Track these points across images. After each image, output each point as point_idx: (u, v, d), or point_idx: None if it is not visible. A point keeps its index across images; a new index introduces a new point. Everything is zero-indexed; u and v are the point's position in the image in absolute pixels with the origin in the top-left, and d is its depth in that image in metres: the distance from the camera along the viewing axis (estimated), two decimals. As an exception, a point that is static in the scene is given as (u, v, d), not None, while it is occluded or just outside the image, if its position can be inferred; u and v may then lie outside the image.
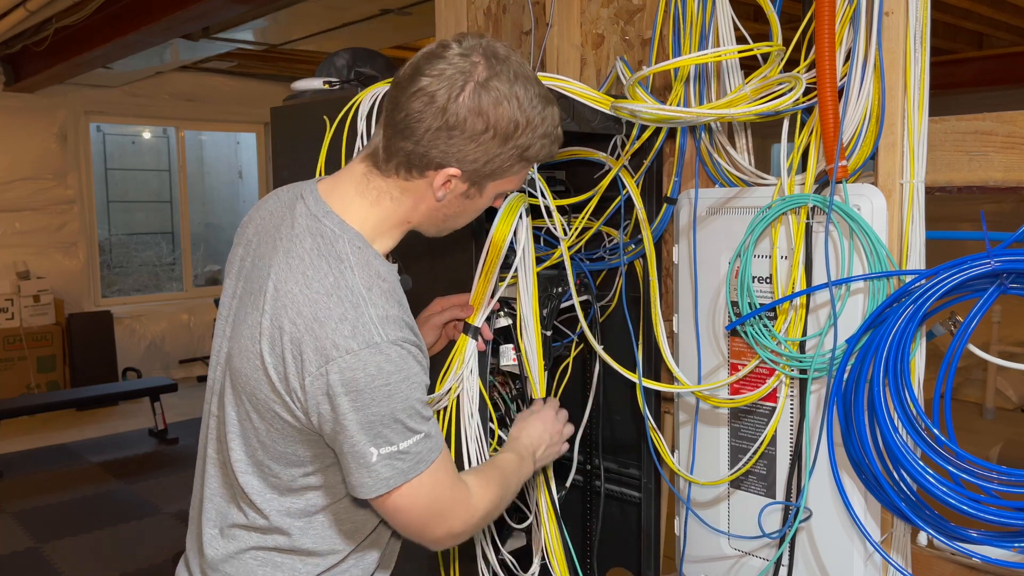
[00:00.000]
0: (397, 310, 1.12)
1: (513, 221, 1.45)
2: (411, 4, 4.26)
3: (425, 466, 1.11)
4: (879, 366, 1.28)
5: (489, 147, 1.10)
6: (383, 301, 1.10)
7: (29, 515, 4.25)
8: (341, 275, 1.10)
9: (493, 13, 2.10)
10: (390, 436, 1.08)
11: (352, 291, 1.09)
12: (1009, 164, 1.30)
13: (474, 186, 1.15)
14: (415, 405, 1.10)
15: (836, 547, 1.44)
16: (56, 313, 6.25)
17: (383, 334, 1.07)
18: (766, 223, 1.47)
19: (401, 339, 1.09)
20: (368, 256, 1.14)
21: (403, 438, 1.09)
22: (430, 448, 1.12)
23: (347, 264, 1.11)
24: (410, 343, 1.11)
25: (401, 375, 1.08)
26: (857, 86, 1.37)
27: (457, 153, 1.10)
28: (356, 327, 1.06)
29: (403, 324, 1.11)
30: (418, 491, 1.12)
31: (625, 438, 1.87)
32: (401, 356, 1.08)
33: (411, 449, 1.10)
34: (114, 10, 4.39)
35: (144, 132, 8.28)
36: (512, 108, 1.09)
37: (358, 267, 1.11)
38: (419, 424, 1.10)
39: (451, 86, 1.07)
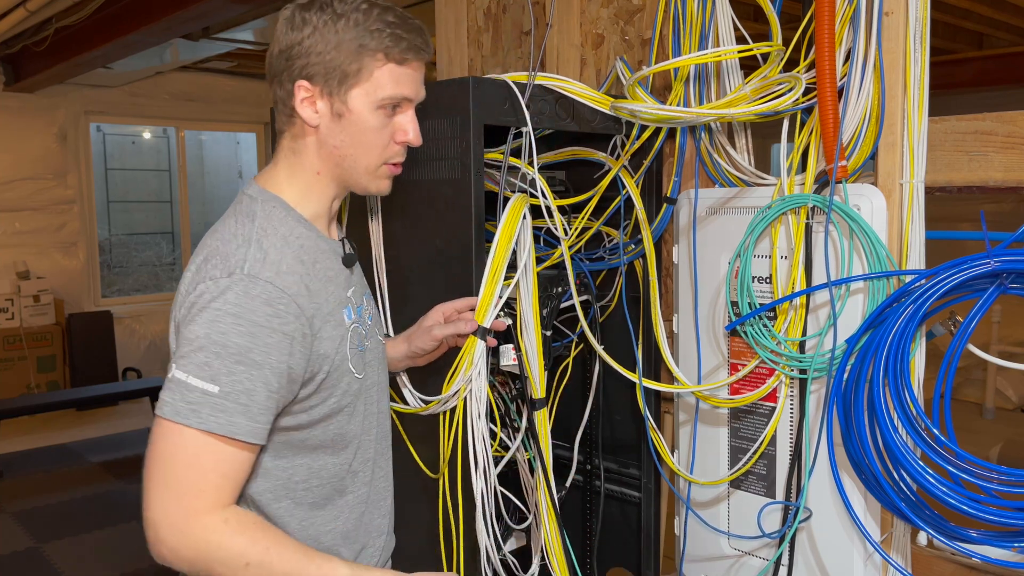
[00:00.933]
0: (286, 264, 1.10)
1: (518, 221, 1.45)
2: (411, 4, 4.26)
3: (195, 422, 1.01)
4: (879, 366, 1.28)
5: (317, 47, 1.12)
6: (274, 251, 1.10)
7: (29, 515, 4.25)
8: (241, 226, 1.13)
9: (493, 13, 2.10)
10: (187, 362, 1.03)
11: (246, 237, 1.11)
12: (1009, 164, 1.30)
13: (336, 98, 1.15)
14: (230, 347, 1.02)
15: (836, 547, 1.44)
16: (56, 313, 6.25)
17: (247, 268, 1.06)
18: (766, 223, 1.47)
19: (266, 279, 1.06)
20: (280, 216, 1.15)
21: (196, 372, 1.02)
22: (212, 410, 1.02)
23: (254, 220, 1.13)
24: (280, 290, 1.07)
25: (238, 308, 1.03)
26: (857, 86, 1.37)
27: (298, 67, 1.14)
28: (228, 261, 1.07)
29: (281, 272, 1.09)
30: (168, 440, 1.02)
31: (625, 438, 1.87)
32: (250, 293, 1.04)
33: (194, 389, 1.02)
34: (114, 10, 4.39)
35: (144, 132, 8.29)
36: (329, 9, 1.13)
37: (262, 221, 1.13)
38: (220, 372, 1.02)
39: (281, 25, 1.16)
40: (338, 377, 1.18)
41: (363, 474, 1.29)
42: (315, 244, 1.19)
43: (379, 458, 1.34)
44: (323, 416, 1.18)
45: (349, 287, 1.26)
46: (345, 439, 1.24)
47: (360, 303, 1.29)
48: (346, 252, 1.27)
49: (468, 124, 1.39)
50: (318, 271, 1.17)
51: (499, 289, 1.45)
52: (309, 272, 1.14)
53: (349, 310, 1.23)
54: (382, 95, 1.15)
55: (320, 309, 1.14)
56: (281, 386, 1.08)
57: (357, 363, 1.23)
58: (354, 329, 1.23)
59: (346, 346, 1.19)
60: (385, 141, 1.19)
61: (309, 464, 1.19)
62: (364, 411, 1.27)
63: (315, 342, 1.12)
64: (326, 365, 1.15)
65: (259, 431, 1.07)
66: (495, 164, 1.52)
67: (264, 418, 1.07)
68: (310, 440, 1.19)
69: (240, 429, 1.04)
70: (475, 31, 2.15)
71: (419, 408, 1.49)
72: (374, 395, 1.31)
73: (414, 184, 1.49)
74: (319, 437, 1.19)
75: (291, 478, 1.18)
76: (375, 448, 1.32)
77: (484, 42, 2.13)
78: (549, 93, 1.55)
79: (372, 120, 1.16)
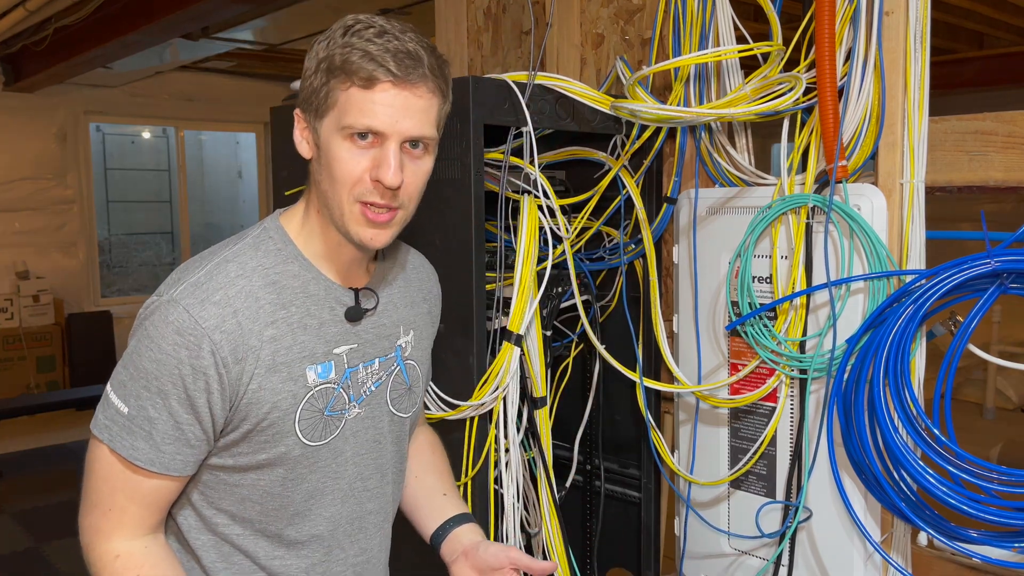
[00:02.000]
0: (223, 294, 1.01)
1: (537, 224, 1.45)
2: (411, 4, 4.26)
3: (106, 439, 1.01)
4: (879, 366, 1.28)
5: (307, 75, 1.04)
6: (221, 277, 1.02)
7: (29, 515, 4.25)
8: (223, 247, 1.07)
9: (493, 13, 2.10)
10: (115, 375, 1.03)
11: (211, 259, 1.05)
12: (1009, 164, 1.30)
13: (313, 129, 1.04)
14: (141, 371, 1.00)
15: (836, 547, 1.44)
16: (56, 313, 6.25)
17: (177, 291, 1.01)
18: (766, 223, 1.47)
19: (185, 306, 0.99)
20: (270, 247, 1.08)
21: (116, 389, 1.02)
22: (120, 430, 1.00)
23: (238, 244, 1.07)
24: (194, 321, 0.98)
25: (155, 332, 0.99)
26: (857, 86, 1.37)
27: (300, 94, 1.07)
28: (177, 279, 1.03)
29: (208, 301, 0.99)
30: (91, 451, 1.03)
31: (625, 438, 1.87)
32: (167, 319, 0.99)
33: (111, 405, 1.02)
34: (114, 10, 4.39)
35: (144, 132, 8.28)
36: (328, 29, 1.04)
37: (245, 246, 1.07)
38: (131, 394, 1.00)
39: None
40: (274, 436, 1.05)
41: (306, 549, 1.14)
42: (302, 286, 1.07)
43: (336, 540, 1.16)
44: (248, 467, 1.07)
45: (343, 343, 1.11)
46: (279, 504, 1.11)
47: (359, 364, 1.14)
48: (354, 305, 1.12)
49: (468, 124, 1.39)
50: (289, 314, 1.05)
51: (530, 294, 1.45)
52: (264, 312, 1.03)
53: (328, 367, 1.09)
54: (343, 123, 1.00)
55: (261, 354, 1.02)
56: (196, 420, 1.01)
57: (312, 428, 1.08)
58: (324, 390, 1.09)
59: (298, 406, 1.06)
60: (356, 176, 1.02)
61: (233, 513, 1.10)
62: (317, 482, 1.12)
63: (240, 387, 1.02)
64: (255, 417, 1.04)
65: (164, 461, 1.01)
66: (495, 164, 1.52)
67: (171, 448, 1.00)
68: (238, 489, 1.09)
69: (141, 456, 1.00)
70: (475, 31, 2.15)
71: (447, 413, 1.46)
72: (351, 469, 1.15)
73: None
74: (247, 489, 1.09)
75: (212, 518, 1.10)
76: (330, 528, 1.15)
77: (484, 42, 2.13)
78: (549, 93, 1.55)
79: (339, 150, 1.01)
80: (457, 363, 1.46)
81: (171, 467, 1.02)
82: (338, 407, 1.12)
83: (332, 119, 1.01)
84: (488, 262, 1.52)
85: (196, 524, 1.11)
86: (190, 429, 1.01)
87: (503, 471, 1.49)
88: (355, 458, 1.16)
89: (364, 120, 1.00)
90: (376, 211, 1.04)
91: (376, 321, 1.17)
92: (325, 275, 1.11)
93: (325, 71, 1.01)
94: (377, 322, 1.17)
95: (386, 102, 0.99)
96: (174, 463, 1.02)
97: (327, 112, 1.02)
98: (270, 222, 1.11)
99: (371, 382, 1.16)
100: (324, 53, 1.01)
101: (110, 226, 8.29)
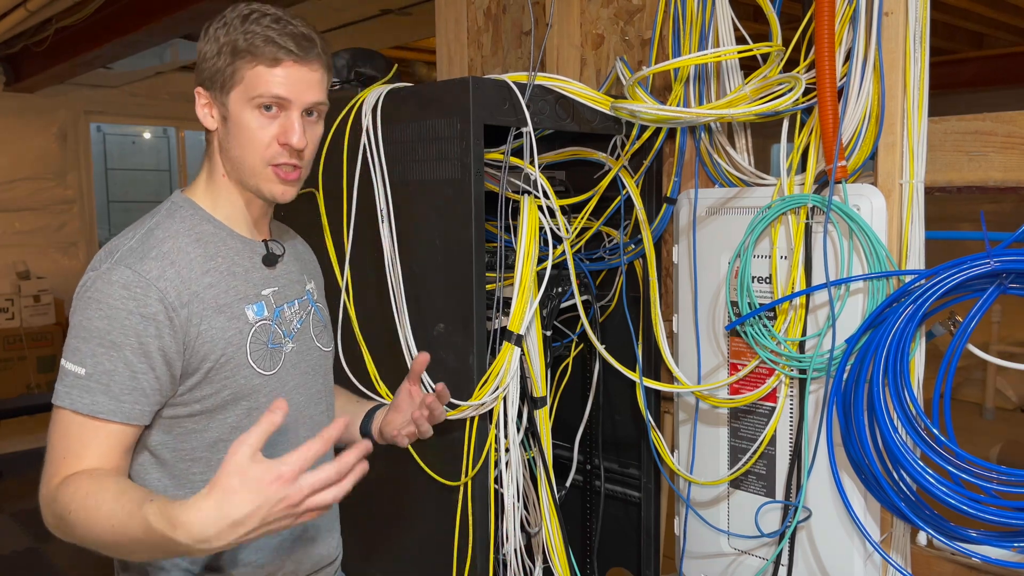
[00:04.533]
0: (158, 251, 1.14)
1: (537, 224, 1.46)
2: (411, 4, 4.26)
3: (64, 403, 1.09)
4: (879, 366, 1.28)
5: (207, 54, 1.19)
6: (152, 239, 1.16)
7: (29, 515, 4.25)
8: (141, 223, 1.20)
9: (493, 13, 2.10)
10: (66, 348, 1.11)
11: (135, 231, 1.18)
12: (1009, 164, 1.30)
13: (219, 102, 1.19)
14: (92, 331, 1.10)
15: (836, 547, 1.44)
16: (56, 313, 6.25)
17: (116, 257, 1.13)
18: (766, 223, 1.47)
19: (126, 264, 1.11)
20: (183, 214, 1.21)
21: (70, 357, 1.10)
22: (80, 391, 1.09)
23: (154, 217, 1.21)
24: (137, 275, 1.11)
25: (99, 293, 1.10)
26: (857, 86, 1.37)
27: (198, 75, 1.21)
28: (110, 253, 1.15)
29: (146, 258, 1.13)
30: (52, 423, 1.11)
31: (625, 438, 1.87)
32: (110, 279, 1.10)
33: (68, 373, 1.10)
34: (114, 10, 4.39)
35: (144, 132, 8.29)
36: (222, 18, 1.19)
37: (161, 217, 1.20)
38: (86, 356, 1.09)
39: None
40: (232, 370, 1.19)
41: None
42: (221, 241, 1.23)
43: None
44: (215, 406, 1.19)
45: (266, 286, 1.27)
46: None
47: (283, 304, 1.30)
48: (268, 252, 1.29)
49: (468, 124, 1.39)
50: (218, 264, 1.20)
51: (530, 293, 1.45)
52: (196, 263, 1.18)
53: (260, 307, 1.25)
54: (253, 94, 1.17)
55: (205, 297, 1.16)
56: (150, 367, 1.11)
57: (262, 359, 1.23)
58: (263, 326, 1.24)
59: (246, 339, 1.21)
60: (266, 141, 1.19)
61: (208, 458, 1.20)
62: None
63: (191, 328, 1.14)
64: (213, 354, 1.17)
65: (125, 410, 1.10)
66: (495, 164, 1.52)
67: (130, 398, 1.10)
68: (208, 433, 1.20)
69: (101, 408, 1.09)
70: (475, 31, 2.15)
71: (447, 413, 1.44)
72: (297, 398, 1.30)
73: (414, 184, 1.49)
74: (216, 430, 1.20)
75: (188, 470, 1.20)
76: (289, 452, 1.26)
77: (484, 42, 2.13)
78: (549, 93, 1.55)
79: (249, 120, 1.18)
80: (457, 363, 1.46)
81: (131, 415, 1.11)
82: (277, 341, 1.27)
83: (239, 93, 1.17)
84: (488, 262, 1.52)
85: (170, 483, 1.20)
86: (144, 378, 1.11)
87: (503, 471, 1.49)
88: (297, 388, 1.30)
89: (272, 90, 1.16)
90: (285, 170, 1.21)
91: (286, 268, 1.33)
92: (233, 230, 1.26)
93: (229, 53, 1.16)
94: (287, 269, 1.34)
95: (289, 76, 1.17)
96: (133, 412, 1.11)
97: (233, 87, 1.17)
98: (176, 196, 1.26)
99: (296, 320, 1.32)
100: (226, 38, 1.17)
101: (110, 226, 8.29)
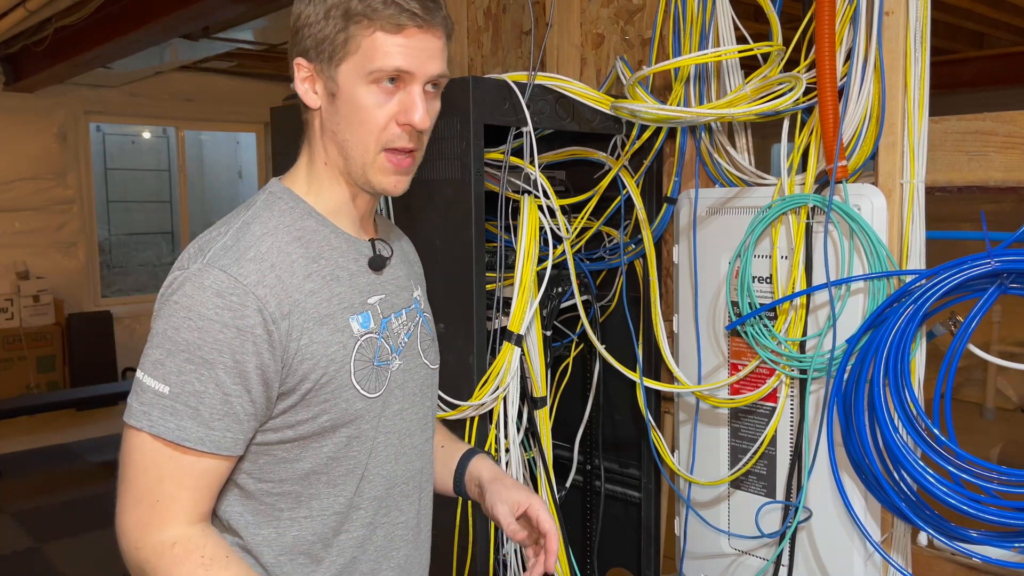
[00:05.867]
0: (256, 251, 0.98)
1: (537, 224, 1.45)
2: (411, 4, 4.24)
3: (146, 426, 0.94)
4: (879, 366, 1.28)
5: (311, 18, 1.01)
6: (250, 236, 0.99)
7: (29, 515, 4.25)
8: (235, 215, 1.04)
9: (493, 13, 2.10)
10: (145, 359, 0.96)
11: (229, 225, 1.02)
12: (1009, 164, 1.30)
13: (327, 75, 1.02)
14: (180, 344, 0.94)
15: (836, 547, 1.44)
16: (56, 313, 6.25)
17: (209, 256, 0.96)
18: (766, 223, 1.47)
19: (220, 267, 0.95)
20: (283, 207, 1.05)
21: (151, 371, 0.95)
22: (162, 412, 0.93)
23: (250, 208, 1.05)
24: (233, 279, 0.94)
25: (190, 300, 0.94)
26: (857, 86, 1.37)
27: (297, 42, 1.03)
28: (201, 249, 0.99)
29: (243, 259, 0.96)
30: (128, 443, 0.95)
31: (625, 438, 1.87)
32: (203, 284, 0.94)
33: (147, 389, 0.95)
34: (114, 10, 4.39)
35: (144, 132, 8.28)
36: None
37: (258, 209, 1.04)
38: (171, 372, 0.93)
39: None
40: (333, 392, 1.02)
41: (364, 512, 1.10)
42: (324, 240, 1.05)
43: (393, 500, 1.13)
44: (311, 433, 1.03)
45: (373, 293, 1.10)
46: (347, 468, 1.07)
47: (391, 314, 1.12)
48: (375, 254, 1.11)
49: (468, 124, 1.39)
50: (321, 267, 1.03)
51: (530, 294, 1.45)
52: (299, 265, 1.01)
53: (367, 317, 1.07)
54: (371, 67, 1.00)
55: (306, 307, 0.99)
56: (245, 389, 0.95)
57: (367, 378, 1.06)
58: (369, 340, 1.06)
59: (351, 356, 1.03)
60: (382, 122, 1.02)
61: (298, 493, 1.04)
62: (376, 438, 1.09)
63: (291, 342, 0.98)
64: (314, 374, 1.00)
65: (216, 439, 0.95)
66: (495, 164, 1.52)
67: (221, 424, 0.95)
68: (300, 464, 1.03)
69: (190, 435, 0.93)
70: (475, 31, 2.15)
71: (447, 413, 1.46)
72: (400, 424, 1.13)
73: (414, 184, 1.49)
74: (310, 461, 1.04)
75: (275, 505, 1.04)
76: (386, 487, 1.12)
77: (484, 42, 2.13)
78: (549, 93, 1.55)
79: (364, 97, 1.01)
80: (457, 363, 1.46)
81: (222, 445, 0.95)
82: (384, 357, 1.09)
83: (353, 64, 1.00)
84: (488, 262, 1.52)
85: (253, 520, 1.05)
86: (239, 401, 0.95)
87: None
88: (401, 412, 1.13)
89: (393, 62, 0.99)
90: (400, 157, 1.05)
91: (393, 272, 1.16)
92: (338, 227, 1.08)
93: (341, 17, 0.99)
94: (394, 273, 1.16)
95: (413, 45, 1.00)
96: (224, 440, 0.95)
97: (345, 58, 1.00)
98: (274, 186, 1.09)
99: (403, 333, 1.14)
100: (334, 0, 1.00)
101: (110, 226, 8.29)
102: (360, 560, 1.10)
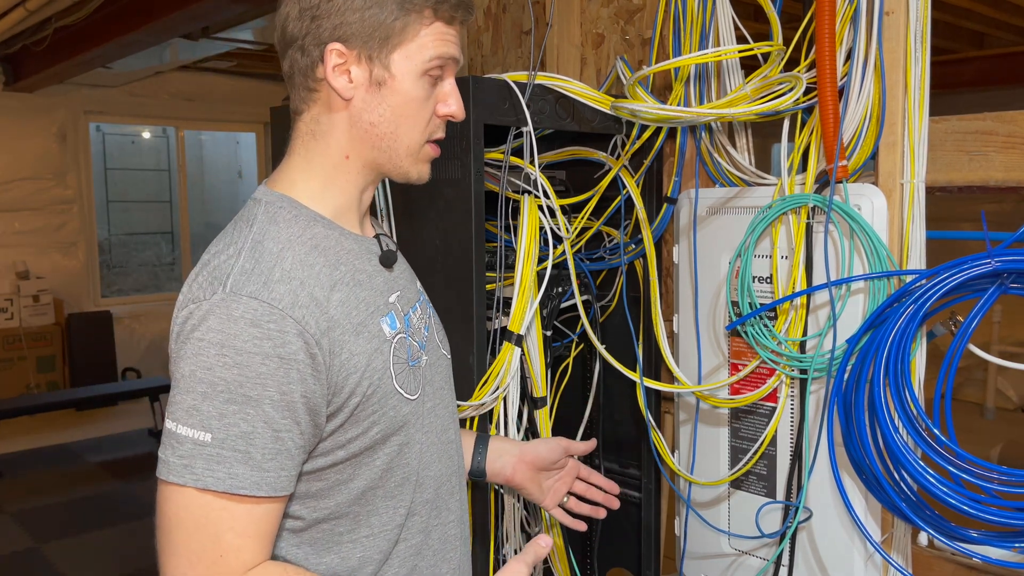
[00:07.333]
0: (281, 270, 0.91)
1: (537, 224, 1.45)
2: (411, 4, 4.25)
3: (190, 480, 0.85)
4: (879, 366, 1.27)
5: (354, 3, 0.95)
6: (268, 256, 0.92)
7: (29, 515, 4.25)
8: (238, 234, 0.96)
9: (493, 13, 2.10)
10: (175, 408, 0.87)
11: (238, 247, 0.93)
12: (1010, 164, 1.30)
13: (375, 63, 0.97)
14: (218, 384, 0.85)
15: (836, 547, 1.44)
16: (56, 313, 6.25)
17: (230, 284, 0.88)
18: (766, 223, 1.47)
19: (249, 294, 0.87)
20: (287, 217, 0.98)
21: (185, 419, 0.86)
22: (207, 462, 0.85)
23: (252, 226, 0.96)
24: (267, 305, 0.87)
25: (221, 335, 0.85)
26: (857, 86, 1.37)
27: (329, 28, 0.95)
28: (214, 277, 0.90)
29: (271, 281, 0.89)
30: (170, 502, 0.86)
31: (625, 438, 1.86)
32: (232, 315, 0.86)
33: (184, 440, 0.85)
34: (114, 10, 4.39)
35: (144, 132, 8.29)
36: None
37: (262, 225, 0.96)
38: (211, 417, 0.85)
39: None
40: (380, 401, 0.97)
41: (419, 518, 1.06)
42: (337, 244, 1.00)
43: (442, 500, 1.10)
44: (364, 449, 0.98)
45: (391, 292, 1.05)
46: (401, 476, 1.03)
47: (408, 310, 1.08)
48: (383, 250, 1.06)
49: (468, 124, 1.39)
50: (343, 274, 0.97)
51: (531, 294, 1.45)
52: (323, 276, 0.95)
53: (392, 318, 1.03)
54: (429, 56, 0.97)
55: (340, 319, 0.94)
56: (294, 422, 0.89)
57: (406, 381, 1.02)
58: (400, 341, 1.03)
59: (389, 361, 0.99)
60: (428, 115, 1.01)
61: (356, 513, 1.00)
62: (422, 440, 1.06)
63: (335, 360, 0.92)
64: (360, 387, 0.95)
65: (270, 480, 0.88)
66: (495, 164, 1.52)
67: (274, 464, 0.88)
68: (355, 483, 0.99)
69: (244, 482, 0.86)
70: (475, 31, 2.15)
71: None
72: (435, 421, 1.09)
73: (415, 184, 1.49)
74: (365, 478, 0.99)
75: (333, 530, 0.99)
76: (435, 488, 1.09)
77: (484, 42, 2.13)
78: (549, 93, 1.55)
79: (416, 89, 0.98)
80: (457, 363, 1.45)
81: (277, 486, 0.89)
82: (415, 356, 1.06)
83: (408, 53, 0.97)
84: (488, 262, 1.52)
85: (313, 551, 1.00)
86: (289, 436, 0.89)
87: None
88: (435, 409, 1.10)
89: (448, 51, 1.00)
90: (437, 147, 1.06)
91: (400, 266, 1.13)
92: (345, 229, 1.03)
93: (396, 4, 0.95)
94: (400, 267, 1.13)
95: (456, 38, 1.02)
96: (280, 481, 0.89)
97: (399, 45, 0.96)
98: (268, 195, 1.01)
99: (423, 327, 1.11)
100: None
101: (110, 226, 8.29)
102: (420, 568, 1.07)
